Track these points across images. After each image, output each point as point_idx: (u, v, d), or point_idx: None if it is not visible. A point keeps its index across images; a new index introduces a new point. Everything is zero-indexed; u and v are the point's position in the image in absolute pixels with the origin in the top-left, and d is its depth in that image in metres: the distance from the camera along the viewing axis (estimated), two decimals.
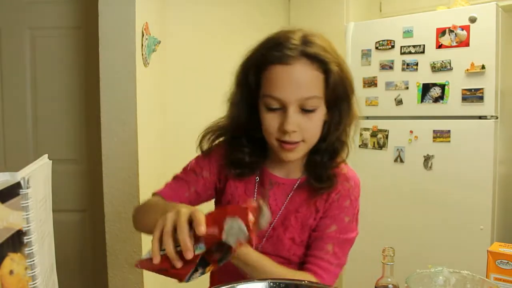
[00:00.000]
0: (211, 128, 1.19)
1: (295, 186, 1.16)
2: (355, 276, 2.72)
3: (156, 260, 0.76)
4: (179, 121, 2.42)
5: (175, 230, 0.76)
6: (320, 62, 1.01)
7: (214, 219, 0.76)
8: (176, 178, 1.21)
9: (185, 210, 0.77)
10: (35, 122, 2.23)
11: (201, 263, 0.78)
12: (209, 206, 1.20)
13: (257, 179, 1.17)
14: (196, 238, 0.75)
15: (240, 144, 1.14)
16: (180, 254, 0.75)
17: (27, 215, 0.67)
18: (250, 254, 1.01)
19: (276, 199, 1.16)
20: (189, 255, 0.74)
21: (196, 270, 0.78)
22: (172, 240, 0.75)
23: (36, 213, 0.72)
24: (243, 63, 1.10)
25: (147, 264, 0.79)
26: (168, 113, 2.46)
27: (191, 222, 0.76)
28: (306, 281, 1.03)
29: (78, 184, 2.27)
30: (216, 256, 0.79)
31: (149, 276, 2.17)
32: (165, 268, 0.77)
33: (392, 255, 0.99)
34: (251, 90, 1.06)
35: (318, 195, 1.14)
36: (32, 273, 0.69)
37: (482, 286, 0.90)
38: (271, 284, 1.01)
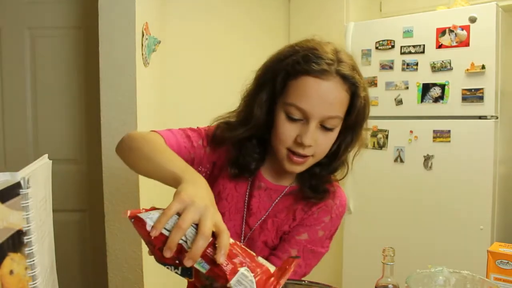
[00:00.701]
0: (223, 122, 1.15)
1: (282, 194, 1.16)
2: (355, 276, 2.73)
3: (155, 234, 0.70)
4: (179, 120, 2.41)
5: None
6: (351, 84, 1.00)
7: (233, 255, 0.72)
8: (183, 131, 1.14)
9: (214, 214, 0.72)
10: (35, 122, 2.23)
11: (187, 271, 0.74)
12: None
13: (249, 178, 1.16)
14: (204, 255, 0.70)
15: (251, 148, 1.12)
16: (179, 246, 0.70)
17: (27, 215, 0.67)
18: None
19: (259, 201, 1.15)
20: (189, 264, 0.69)
21: (176, 268, 0.74)
22: (185, 231, 0.69)
23: (36, 213, 0.73)
24: (271, 64, 1.06)
25: (140, 225, 0.72)
26: (168, 113, 2.46)
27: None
28: (306, 281, 1.03)
29: (78, 184, 2.27)
30: (205, 282, 0.74)
31: (149, 276, 2.17)
32: (153, 243, 0.72)
33: (392, 255, 0.99)
34: (274, 94, 1.04)
35: (300, 204, 1.13)
36: (32, 273, 0.69)
37: (482, 286, 0.90)
38: None
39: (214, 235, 0.71)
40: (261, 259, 0.76)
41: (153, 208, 0.74)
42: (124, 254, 2.11)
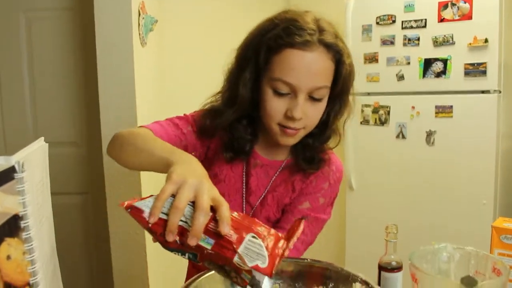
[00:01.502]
0: (208, 109, 1.14)
1: (279, 169, 1.16)
2: (358, 254, 2.73)
3: (153, 220, 0.68)
4: (177, 100, 2.40)
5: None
6: (335, 52, 1.00)
7: (237, 224, 0.70)
8: (170, 121, 1.14)
9: (209, 188, 0.71)
10: (33, 106, 2.21)
11: (192, 254, 0.72)
12: None
13: (245, 158, 1.15)
14: (207, 230, 0.69)
15: (243, 130, 1.11)
16: (180, 228, 0.69)
17: (23, 199, 0.65)
18: None
19: (257, 179, 1.15)
20: (194, 242, 0.67)
21: (183, 253, 0.72)
22: (182, 211, 0.68)
23: (33, 197, 0.71)
24: (251, 40, 1.04)
25: (137, 214, 0.70)
26: (166, 92, 2.43)
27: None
28: (309, 259, 1.03)
29: (79, 166, 2.26)
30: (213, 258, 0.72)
31: (152, 257, 2.18)
32: (154, 231, 0.70)
33: (395, 232, 0.99)
34: (258, 70, 1.03)
35: (297, 175, 1.14)
36: (31, 257, 0.68)
37: (486, 261, 0.89)
38: None
39: (213, 210, 0.70)
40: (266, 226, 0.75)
41: (150, 196, 0.72)
42: (127, 236, 2.12)
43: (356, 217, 2.79)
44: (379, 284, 0.98)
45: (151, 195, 0.72)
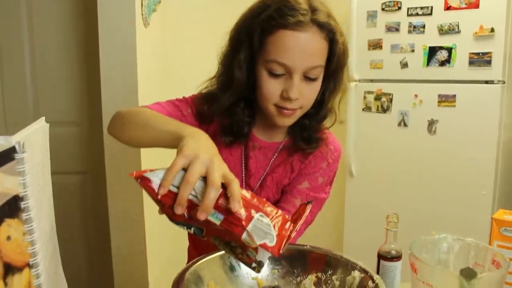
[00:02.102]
0: (205, 96, 1.14)
1: (278, 150, 1.17)
2: (356, 242, 2.75)
3: (163, 191, 0.69)
4: (180, 81, 2.38)
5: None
6: (328, 32, 1.00)
7: (246, 202, 0.71)
8: (171, 102, 1.14)
9: (221, 165, 0.71)
10: (34, 86, 2.19)
11: (200, 229, 0.73)
12: None
13: (243, 142, 1.16)
14: (216, 206, 0.69)
15: (241, 113, 1.11)
16: (189, 202, 0.70)
17: (23, 180, 0.65)
18: None
19: (256, 161, 1.16)
20: (203, 217, 0.68)
21: (188, 227, 0.73)
22: (193, 185, 0.69)
23: (33, 178, 0.71)
24: (244, 23, 1.05)
25: (146, 184, 0.71)
26: (169, 73, 2.42)
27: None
28: (308, 246, 1.03)
29: (79, 146, 2.26)
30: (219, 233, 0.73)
31: (151, 237, 2.19)
32: (162, 202, 0.71)
33: (396, 221, 0.99)
34: (252, 53, 1.03)
35: (296, 155, 1.15)
36: (31, 238, 0.68)
37: (485, 253, 0.89)
38: None
39: (223, 186, 0.70)
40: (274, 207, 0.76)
41: (160, 168, 0.73)
42: (126, 216, 2.12)
43: (355, 204, 2.79)
44: (377, 272, 0.98)
45: (161, 168, 0.72)
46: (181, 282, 0.83)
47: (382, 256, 0.98)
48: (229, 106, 1.10)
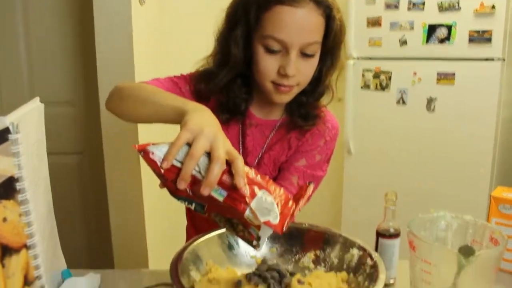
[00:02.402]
0: (202, 74, 1.13)
1: (275, 127, 1.17)
2: (355, 220, 2.76)
3: (166, 165, 0.68)
4: (177, 60, 2.36)
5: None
6: (325, 8, 0.99)
7: (250, 180, 0.71)
8: (170, 79, 1.14)
9: (225, 141, 0.71)
10: (29, 65, 2.17)
11: (201, 205, 0.73)
12: None
13: (240, 119, 1.16)
14: (220, 182, 0.69)
15: (238, 89, 1.11)
16: (192, 177, 0.69)
17: (18, 161, 0.64)
18: None
19: (253, 139, 1.16)
20: (207, 192, 0.67)
21: (189, 202, 0.73)
22: (198, 159, 0.68)
23: (29, 159, 0.70)
24: (240, 0, 1.04)
25: (149, 157, 0.70)
26: (165, 51, 2.39)
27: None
28: (306, 224, 1.03)
29: (75, 126, 2.24)
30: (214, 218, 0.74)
31: (150, 216, 2.20)
32: (165, 176, 0.70)
33: (394, 199, 0.98)
34: (248, 29, 1.03)
35: (293, 133, 1.15)
36: (27, 219, 0.68)
37: (484, 231, 0.89)
38: None
39: (227, 163, 0.70)
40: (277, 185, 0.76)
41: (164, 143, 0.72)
42: (125, 196, 2.12)
43: (353, 182, 2.80)
44: (376, 250, 0.98)
45: (165, 142, 0.71)
46: (179, 262, 0.83)
47: (381, 234, 0.98)
48: (226, 83, 1.09)
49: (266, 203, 0.69)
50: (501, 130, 2.32)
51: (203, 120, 0.74)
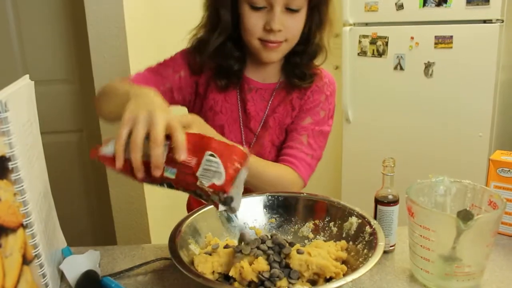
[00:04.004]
0: (193, 46, 1.16)
1: (275, 90, 1.18)
2: (354, 187, 2.77)
3: (119, 164, 0.70)
4: (172, 38, 2.32)
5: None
6: None
7: (195, 147, 0.70)
8: (150, 69, 1.16)
9: (162, 117, 0.69)
10: (21, 45, 2.13)
11: (167, 184, 0.73)
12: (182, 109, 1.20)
13: (237, 85, 1.18)
14: (169, 161, 0.70)
15: (229, 51, 1.12)
16: (145, 164, 0.69)
17: (9, 140, 0.63)
18: None
19: (255, 104, 1.18)
20: (157, 174, 0.69)
21: (162, 184, 0.73)
22: (141, 147, 0.68)
23: (21, 137, 0.69)
24: None
25: (106, 160, 0.72)
26: (160, 29, 2.36)
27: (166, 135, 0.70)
28: (305, 193, 1.03)
29: (72, 103, 2.22)
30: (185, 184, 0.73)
31: (150, 191, 2.20)
32: (125, 172, 0.72)
33: (392, 165, 0.98)
34: None
35: (294, 93, 1.17)
36: (22, 198, 0.67)
37: (482, 195, 0.89)
38: (269, 197, 1.02)
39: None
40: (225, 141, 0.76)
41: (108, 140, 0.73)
42: None
43: (352, 150, 2.80)
44: (375, 217, 0.98)
45: (111, 138, 0.72)
46: (178, 236, 0.83)
47: (379, 201, 0.98)
48: (218, 47, 1.11)
49: (211, 165, 0.69)
50: (500, 93, 2.30)
51: (139, 104, 0.73)
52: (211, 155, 0.69)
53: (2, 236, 0.62)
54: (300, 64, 1.15)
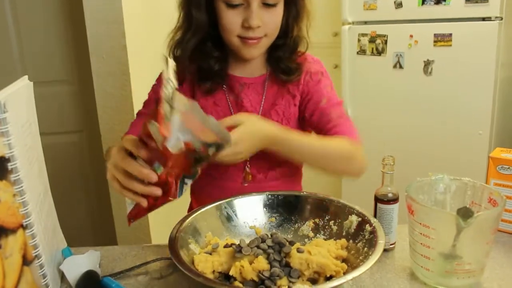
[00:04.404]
0: (171, 49, 1.15)
1: (266, 81, 1.17)
2: (354, 185, 2.76)
3: (144, 203, 0.81)
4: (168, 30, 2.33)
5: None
6: None
7: (145, 134, 0.76)
8: (138, 114, 1.22)
9: (114, 150, 0.83)
10: (20, 46, 2.13)
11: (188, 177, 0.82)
12: None
13: (224, 86, 1.16)
14: (148, 161, 0.78)
15: (207, 50, 1.11)
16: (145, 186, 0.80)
17: (8, 140, 0.63)
18: (290, 139, 1.02)
19: (250, 100, 1.17)
20: (154, 178, 0.77)
21: (183, 182, 0.81)
22: (133, 180, 0.80)
23: (20, 138, 0.69)
24: None
25: (136, 213, 0.85)
26: (159, 27, 2.35)
27: (131, 153, 0.80)
28: (305, 192, 1.03)
29: (72, 104, 2.22)
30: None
31: None
32: (152, 204, 0.82)
33: (392, 163, 0.98)
34: None
35: (288, 83, 1.16)
36: (22, 199, 0.67)
37: (482, 192, 0.89)
38: (269, 196, 1.02)
39: (143, 140, 0.78)
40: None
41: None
42: None
43: None
44: (375, 215, 0.98)
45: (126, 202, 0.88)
46: (178, 235, 0.83)
47: (379, 199, 0.98)
48: (197, 48, 1.10)
49: (179, 128, 0.75)
50: (499, 91, 2.30)
51: (110, 165, 0.86)
52: (149, 125, 0.74)
53: (2, 237, 0.62)
54: (283, 58, 1.14)
